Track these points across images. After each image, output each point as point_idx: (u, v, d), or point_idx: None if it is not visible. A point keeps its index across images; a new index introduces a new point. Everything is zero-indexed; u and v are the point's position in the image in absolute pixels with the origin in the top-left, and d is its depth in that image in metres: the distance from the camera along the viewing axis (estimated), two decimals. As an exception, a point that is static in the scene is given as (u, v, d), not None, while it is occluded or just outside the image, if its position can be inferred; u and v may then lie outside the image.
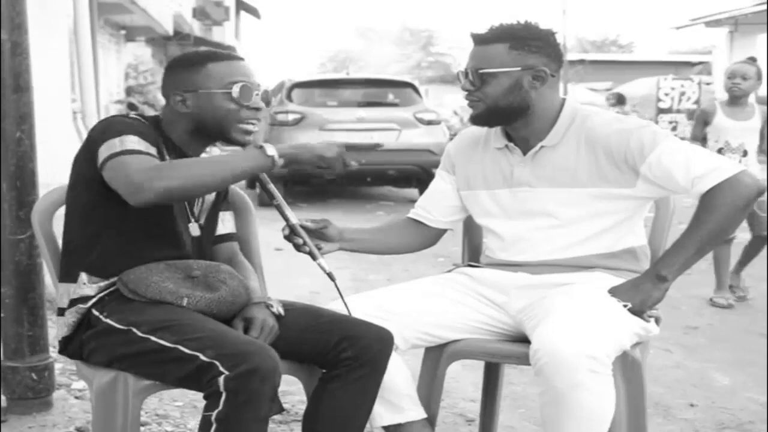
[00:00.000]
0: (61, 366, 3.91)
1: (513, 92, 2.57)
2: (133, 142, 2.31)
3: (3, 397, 3.43)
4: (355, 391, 2.44)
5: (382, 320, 2.56)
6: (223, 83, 2.45)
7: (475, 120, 2.67)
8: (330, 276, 2.56)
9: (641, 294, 2.48)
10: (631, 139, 2.52)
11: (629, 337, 2.45)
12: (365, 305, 2.63)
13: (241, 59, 2.53)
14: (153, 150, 2.34)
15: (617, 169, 2.56)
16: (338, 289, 2.56)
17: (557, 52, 2.62)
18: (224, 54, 2.51)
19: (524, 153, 2.67)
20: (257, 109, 2.48)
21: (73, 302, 2.43)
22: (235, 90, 2.44)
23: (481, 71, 2.58)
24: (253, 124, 2.49)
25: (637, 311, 2.47)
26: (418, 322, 2.65)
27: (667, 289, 2.50)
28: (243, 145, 2.50)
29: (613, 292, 2.49)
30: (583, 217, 2.61)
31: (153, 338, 2.28)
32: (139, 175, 2.23)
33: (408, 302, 2.69)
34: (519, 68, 2.56)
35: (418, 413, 2.65)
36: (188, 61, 2.49)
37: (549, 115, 2.63)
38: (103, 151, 2.32)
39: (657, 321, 2.62)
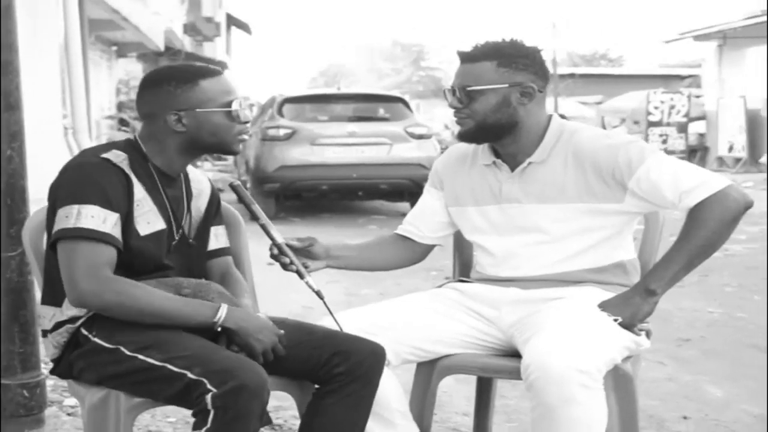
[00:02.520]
0: (53, 383, 3.90)
1: (501, 109, 2.58)
2: (90, 217, 2.29)
3: (-6, 415, 3.42)
4: (348, 406, 2.44)
5: (374, 335, 2.55)
6: (220, 101, 2.44)
7: (463, 137, 2.67)
8: (318, 294, 2.57)
9: (631, 308, 2.49)
10: (619, 155, 2.53)
11: (620, 351, 2.45)
12: (357, 321, 2.63)
13: (222, 73, 2.52)
14: (113, 217, 2.32)
15: (605, 184, 2.56)
16: (327, 306, 2.57)
17: (544, 69, 2.63)
18: (212, 70, 2.51)
19: (512, 169, 2.67)
20: (248, 121, 2.50)
21: (61, 324, 2.41)
22: (235, 107, 2.44)
23: (468, 89, 2.58)
24: (245, 134, 2.51)
25: (628, 325, 2.48)
26: (410, 338, 2.65)
27: (657, 303, 2.50)
28: (236, 154, 2.55)
29: (603, 306, 2.50)
30: (573, 233, 2.62)
31: (141, 356, 2.27)
32: (87, 283, 2.27)
33: (399, 317, 2.68)
34: (506, 85, 2.57)
35: (410, 428, 2.64)
36: (177, 79, 2.45)
37: (536, 131, 2.64)
38: (59, 219, 2.31)
39: (648, 334, 2.62)
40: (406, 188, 11.55)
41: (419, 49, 57.23)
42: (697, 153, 21.16)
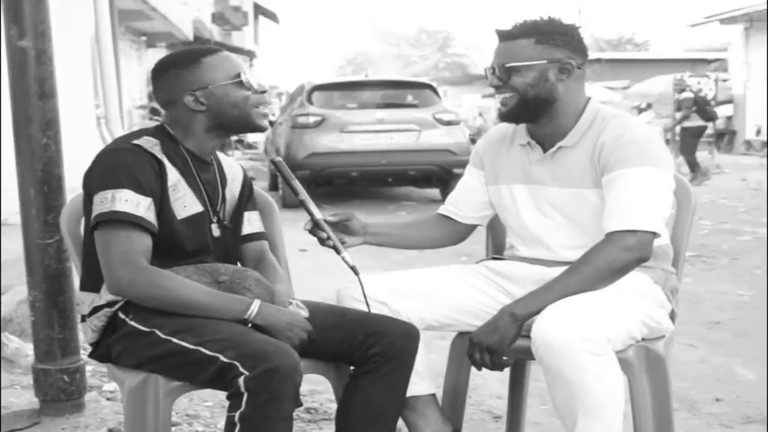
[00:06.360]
0: (92, 368, 3.95)
1: (540, 84, 2.56)
2: (125, 201, 2.32)
3: (36, 399, 3.48)
4: (384, 386, 2.47)
5: (401, 296, 2.60)
6: (230, 74, 2.48)
7: (505, 116, 2.65)
8: (353, 270, 2.58)
9: (499, 333, 2.41)
10: (620, 152, 2.51)
11: (637, 326, 2.45)
12: (385, 283, 2.67)
13: (222, 50, 2.55)
14: (146, 202, 2.35)
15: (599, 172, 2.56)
16: (360, 282, 2.58)
17: (582, 46, 2.62)
18: (212, 48, 2.54)
19: (544, 151, 2.67)
20: (264, 91, 2.52)
21: (98, 308, 2.45)
22: (244, 77, 2.47)
23: (507, 65, 2.58)
24: (266, 106, 2.53)
25: (496, 349, 2.41)
26: (437, 304, 2.67)
27: (521, 326, 2.43)
28: (263, 129, 2.55)
29: (476, 336, 2.44)
30: (593, 217, 2.59)
31: (175, 340, 2.30)
32: (123, 271, 2.31)
33: (427, 283, 2.71)
34: (545, 61, 2.56)
35: (425, 388, 2.66)
36: (181, 62, 2.50)
37: (573, 112, 2.63)
38: (96, 205, 2.35)
39: (672, 317, 2.63)
40: (435, 174, 11.60)
41: (445, 36, 57.06)
42: (724, 137, 20.99)
